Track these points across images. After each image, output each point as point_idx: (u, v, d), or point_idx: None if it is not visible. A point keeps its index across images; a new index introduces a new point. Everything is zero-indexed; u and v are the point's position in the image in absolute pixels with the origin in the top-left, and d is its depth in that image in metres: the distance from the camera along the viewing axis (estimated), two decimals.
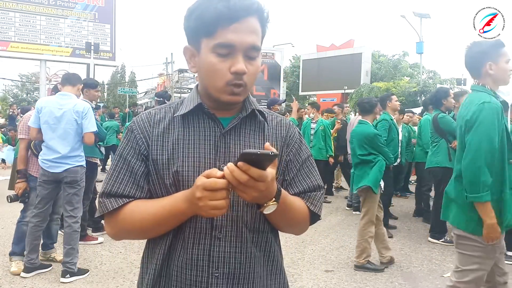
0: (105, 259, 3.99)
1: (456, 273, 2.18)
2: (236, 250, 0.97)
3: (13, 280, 3.44)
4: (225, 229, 0.96)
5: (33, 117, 3.46)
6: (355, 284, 3.55)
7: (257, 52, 0.96)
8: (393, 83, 18.57)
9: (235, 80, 0.93)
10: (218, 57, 0.93)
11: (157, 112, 1.06)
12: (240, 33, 0.91)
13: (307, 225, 1.08)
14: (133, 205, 0.97)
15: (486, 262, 2.08)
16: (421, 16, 18.22)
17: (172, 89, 32.20)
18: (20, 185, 3.62)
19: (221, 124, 1.01)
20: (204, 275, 0.95)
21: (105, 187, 0.99)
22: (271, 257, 1.05)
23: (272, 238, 1.06)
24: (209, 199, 0.81)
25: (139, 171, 0.99)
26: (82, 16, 12.05)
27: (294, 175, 1.06)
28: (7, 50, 11.27)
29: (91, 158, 4.26)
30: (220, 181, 0.80)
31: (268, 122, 1.07)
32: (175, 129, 1.01)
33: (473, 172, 1.99)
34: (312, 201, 1.05)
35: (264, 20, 0.98)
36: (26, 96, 42.41)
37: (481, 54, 2.14)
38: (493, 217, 1.98)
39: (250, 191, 0.81)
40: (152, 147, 1.00)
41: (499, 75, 2.13)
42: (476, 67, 2.18)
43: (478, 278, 2.10)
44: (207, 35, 0.93)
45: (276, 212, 0.91)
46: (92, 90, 4.34)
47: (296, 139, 1.09)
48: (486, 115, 2.00)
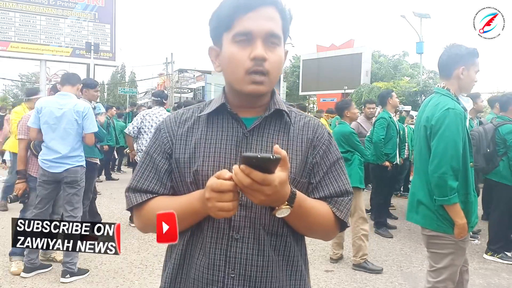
0: (105, 259, 3.99)
1: (432, 273, 2.25)
2: (253, 252, 0.96)
3: (13, 280, 3.44)
4: (242, 230, 0.96)
5: (33, 118, 3.45)
6: (355, 284, 3.55)
7: (278, 40, 0.96)
8: (393, 83, 18.57)
9: (255, 66, 0.93)
10: (238, 46, 0.94)
11: (184, 112, 1.08)
12: (256, 20, 0.93)
13: (333, 231, 1.04)
14: (156, 201, 1.00)
15: (458, 257, 2.18)
16: (421, 16, 18.20)
17: (172, 89, 32.18)
18: (20, 185, 3.62)
19: (244, 124, 1.00)
20: (221, 275, 0.96)
21: (131, 182, 1.04)
22: (291, 262, 1.02)
23: (293, 243, 1.02)
24: (216, 200, 0.82)
25: (163, 168, 1.02)
26: (82, 16, 12.04)
27: (321, 179, 1.02)
28: (7, 50, 11.26)
29: (91, 158, 4.25)
30: (226, 183, 0.80)
31: (294, 123, 1.05)
32: (199, 129, 1.03)
33: (440, 176, 2.07)
34: (338, 207, 1.01)
35: (285, 13, 0.98)
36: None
37: (458, 56, 2.21)
38: (463, 217, 2.08)
39: (256, 194, 0.79)
40: (175, 146, 1.02)
41: (466, 82, 2.23)
42: (449, 67, 2.24)
43: (453, 273, 2.19)
44: (226, 28, 0.95)
45: (293, 216, 0.90)
46: (92, 90, 4.33)
47: (325, 140, 1.05)
48: (451, 121, 2.08)
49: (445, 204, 2.09)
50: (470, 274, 2.51)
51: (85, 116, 3.49)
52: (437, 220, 2.15)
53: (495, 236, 4.33)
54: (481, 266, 4.07)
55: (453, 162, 2.05)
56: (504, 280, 3.73)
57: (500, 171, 4.22)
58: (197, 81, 40.05)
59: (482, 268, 4.02)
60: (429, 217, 2.19)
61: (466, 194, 2.13)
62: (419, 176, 2.27)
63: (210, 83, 36.11)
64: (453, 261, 2.17)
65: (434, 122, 2.15)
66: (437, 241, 2.20)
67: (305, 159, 1.02)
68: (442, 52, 2.30)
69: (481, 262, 4.17)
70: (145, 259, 4.02)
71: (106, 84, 49.26)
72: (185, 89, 37.24)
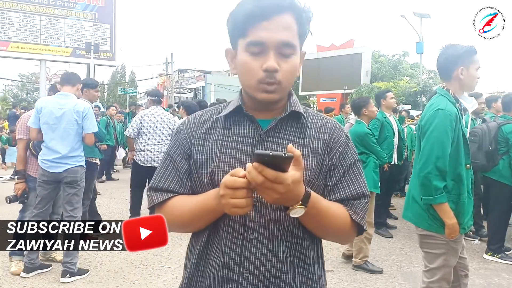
0: (105, 259, 3.99)
1: (426, 273, 2.27)
2: (268, 252, 0.97)
3: (13, 280, 3.44)
4: (257, 230, 0.97)
5: (33, 118, 3.45)
6: (355, 284, 3.55)
7: (292, 49, 0.95)
8: (393, 83, 18.57)
9: (267, 78, 0.94)
10: (251, 55, 0.94)
11: (203, 113, 1.10)
12: (270, 31, 0.92)
13: (350, 235, 1.04)
14: (175, 200, 1.03)
15: (451, 258, 2.18)
16: (421, 16, 18.19)
17: (172, 89, 32.18)
18: (19, 185, 3.62)
19: (260, 126, 1.01)
20: (235, 274, 0.97)
21: (153, 182, 1.07)
22: (306, 264, 1.02)
23: (309, 246, 1.03)
24: (230, 197, 0.83)
25: (183, 169, 1.05)
26: (82, 16, 12.04)
27: (337, 181, 1.02)
28: (7, 50, 11.26)
29: (91, 158, 4.26)
30: (240, 180, 0.82)
31: (311, 125, 1.05)
32: (216, 130, 1.04)
33: (425, 176, 2.09)
34: (355, 210, 1.01)
35: (301, 17, 0.97)
36: (26, 96, 42.37)
37: (455, 57, 2.20)
38: (452, 217, 2.08)
39: (269, 193, 0.80)
40: (194, 147, 1.05)
41: (467, 81, 2.21)
42: (448, 69, 2.23)
43: (446, 274, 2.19)
44: (241, 35, 0.96)
45: (307, 217, 0.90)
46: (92, 90, 4.33)
47: (342, 142, 1.05)
48: (438, 121, 2.09)
49: (432, 204, 2.10)
50: (470, 275, 2.51)
51: (85, 116, 3.49)
52: (428, 219, 2.16)
53: (494, 236, 4.32)
54: (481, 266, 4.07)
55: (438, 163, 2.06)
56: (504, 280, 3.73)
57: (499, 170, 4.22)
58: (197, 81, 40.05)
59: (482, 268, 4.02)
60: (421, 216, 2.20)
61: (459, 195, 2.13)
62: (415, 175, 2.28)
63: (210, 83, 36.12)
64: (446, 262, 2.17)
65: (424, 122, 2.18)
66: (429, 241, 2.20)
67: (321, 161, 1.02)
68: (439, 54, 2.28)
69: (481, 262, 4.17)
70: (145, 259, 4.02)
71: (106, 84, 49.25)
72: (185, 89, 37.24)
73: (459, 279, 2.34)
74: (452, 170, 2.11)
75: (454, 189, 2.13)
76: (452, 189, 2.13)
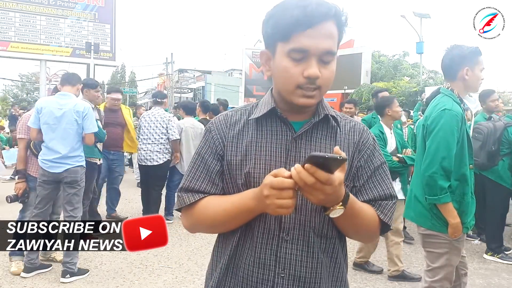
0: (105, 259, 3.99)
1: (428, 272, 2.27)
2: (303, 253, 0.99)
3: (13, 280, 3.44)
4: (292, 231, 0.99)
5: (33, 118, 3.45)
6: (355, 284, 3.55)
7: (332, 57, 0.97)
8: (393, 83, 18.56)
9: (308, 84, 0.95)
10: (292, 61, 0.94)
11: (233, 114, 1.11)
12: (315, 38, 0.92)
13: (376, 234, 1.07)
14: (207, 200, 1.03)
15: (453, 257, 2.19)
16: (421, 16, 18.20)
17: (172, 89, 32.18)
18: (20, 185, 3.62)
19: (293, 128, 1.02)
20: (271, 274, 0.98)
21: (183, 182, 1.06)
22: (337, 264, 1.05)
23: (339, 245, 1.06)
24: (276, 197, 0.84)
25: (214, 169, 1.05)
26: (82, 16, 12.04)
27: (365, 182, 1.05)
28: (7, 50, 11.26)
29: (91, 158, 4.26)
30: (287, 181, 0.82)
31: (341, 127, 1.07)
32: (249, 132, 1.05)
33: (430, 176, 2.09)
34: (383, 210, 1.03)
35: (341, 24, 0.98)
36: (26, 96, 42.38)
37: (461, 58, 2.20)
38: (456, 216, 2.09)
39: (316, 194, 0.81)
40: (227, 148, 1.05)
41: (472, 81, 2.21)
42: (453, 69, 2.23)
43: (449, 273, 2.20)
44: (283, 39, 0.95)
45: (343, 217, 0.91)
46: (92, 90, 4.32)
47: (370, 145, 1.07)
48: (445, 122, 2.09)
49: (436, 203, 2.11)
50: (470, 274, 2.52)
51: (85, 116, 3.49)
52: (431, 219, 2.17)
53: (492, 236, 4.33)
54: (481, 266, 4.07)
55: (444, 163, 2.06)
56: (504, 280, 3.73)
57: (498, 171, 4.21)
58: (197, 81, 40.06)
59: (482, 268, 4.02)
60: (423, 215, 2.21)
61: (463, 194, 2.14)
62: (417, 174, 2.28)
63: (210, 83, 36.11)
64: (448, 261, 2.18)
65: (430, 122, 2.17)
66: (432, 240, 2.21)
67: (351, 162, 1.04)
68: (444, 54, 2.29)
69: (481, 262, 4.17)
70: (145, 259, 4.02)
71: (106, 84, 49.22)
72: (185, 89, 37.22)
73: (459, 278, 2.35)
74: (457, 170, 2.11)
75: (458, 188, 2.14)
76: (456, 189, 2.13)
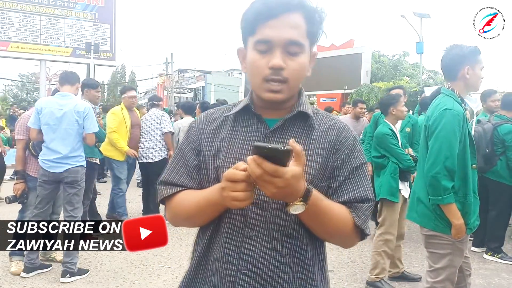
0: (105, 259, 3.99)
1: (430, 273, 2.26)
2: (266, 251, 0.97)
3: (13, 280, 3.45)
4: (257, 228, 0.98)
5: (33, 118, 3.45)
6: (355, 284, 3.56)
7: (299, 48, 0.96)
8: (393, 83, 18.55)
9: (272, 75, 0.95)
10: (258, 53, 0.96)
11: (215, 111, 1.13)
12: (277, 29, 0.94)
13: (352, 238, 1.02)
14: (184, 194, 1.05)
15: (456, 258, 2.18)
16: (421, 16, 18.20)
17: (172, 89, 32.18)
18: (19, 186, 3.61)
19: (267, 125, 1.03)
20: (233, 269, 0.98)
21: (163, 175, 1.09)
22: (306, 265, 1.01)
23: (309, 246, 1.01)
24: (230, 189, 0.84)
25: (192, 164, 1.07)
26: (82, 16, 12.04)
27: (341, 183, 1.01)
28: (7, 50, 11.25)
29: (91, 158, 4.26)
30: (239, 173, 0.82)
31: (319, 126, 1.05)
32: (225, 128, 1.07)
33: (434, 176, 2.09)
34: (357, 213, 0.99)
35: (311, 18, 0.97)
36: (26, 96, 42.39)
37: (461, 57, 2.20)
38: (459, 217, 2.08)
39: (267, 186, 0.80)
40: (203, 143, 1.07)
41: (473, 80, 2.21)
42: (454, 69, 2.23)
43: (451, 274, 2.19)
44: (250, 33, 0.98)
45: (307, 215, 0.89)
46: (93, 90, 4.32)
47: (349, 144, 1.03)
48: (447, 121, 2.09)
49: (440, 204, 2.10)
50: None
51: (85, 116, 3.49)
52: (435, 220, 2.16)
53: (493, 236, 4.33)
54: (481, 266, 4.07)
55: (447, 163, 2.06)
56: (504, 280, 3.73)
57: (497, 171, 4.22)
58: (197, 81, 40.07)
59: (482, 268, 4.02)
60: (427, 216, 2.20)
61: (465, 195, 2.13)
62: (420, 175, 2.28)
63: (210, 83, 36.12)
64: (451, 262, 2.17)
65: (432, 122, 2.17)
66: (435, 241, 2.20)
67: (326, 162, 1.01)
68: (443, 54, 2.29)
69: (481, 262, 4.17)
70: (145, 259, 4.02)
71: (106, 84, 49.22)
72: (185, 89, 37.25)
73: (465, 279, 2.33)
74: (459, 170, 2.11)
75: (460, 189, 2.13)
76: (458, 190, 2.12)
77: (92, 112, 3.63)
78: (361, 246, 4.60)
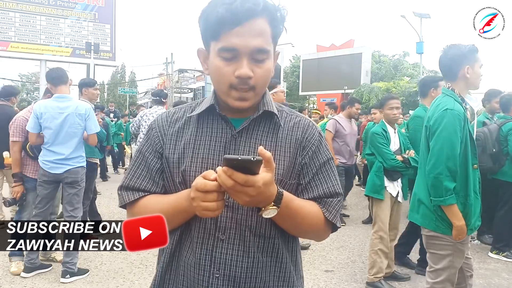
0: (105, 259, 3.99)
1: (431, 273, 2.26)
2: (239, 253, 0.96)
3: (13, 280, 3.45)
4: (229, 231, 0.96)
5: (32, 122, 3.38)
6: (355, 284, 3.56)
7: (266, 55, 0.94)
8: (393, 83, 18.57)
9: (240, 84, 0.92)
10: (223, 60, 0.92)
11: (176, 111, 1.08)
12: (243, 37, 0.90)
13: (324, 232, 1.03)
14: (147, 199, 1.01)
15: (457, 259, 2.18)
16: (421, 16, 18.22)
17: (172, 89, 32.18)
18: (17, 188, 3.57)
19: (232, 125, 1.00)
20: (206, 274, 0.96)
21: (124, 180, 1.04)
22: (282, 264, 1.02)
23: (282, 245, 1.02)
24: (201, 200, 0.82)
25: (155, 167, 1.02)
26: (82, 16, 12.05)
27: (310, 179, 1.01)
28: (7, 50, 11.27)
29: (91, 158, 4.25)
30: (210, 184, 0.81)
31: (284, 124, 1.04)
32: (189, 129, 1.03)
33: (436, 177, 2.08)
34: (328, 208, 1.00)
35: (275, 19, 0.95)
36: (26, 96, 42.38)
37: (461, 57, 2.20)
38: (461, 219, 2.07)
39: (240, 196, 0.79)
40: (166, 145, 1.03)
41: (473, 79, 2.21)
42: (453, 69, 2.23)
43: (451, 275, 2.19)
44: (213, 38, 0.93)
45: (280, 217, 0.89)
46: (91, 88, 4.26)
47: (315, 141, 1.03)
48: (448, 121, 2.08)
49: (442, 205, 2.10)
50: None
51: (87, 118, 3.48)
52: (436, 221, 2.16)
53: (499, 235, 4.34)
54: (481, 266, 4.07)
55: (449, 163, 2.05)
56: (504, 280, 3.73)
57: (506, 171, 4.23)
58: (197, 81, 40.04)
59: (482, 268, 4.02)
60: (428, 217, 2.20)
61: (466, 196, 2.12)
62: (421, 176, 2.27)
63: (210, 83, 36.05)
64: (451, 263, 2.17)
65: (433, 122, 2.16)
66: (435, 242, 2.20)
67: (294, 160, 1.01)
68: (441, 55, 2.28)
69: (481, 262, 4.17)
70: (145, 259, 4.02)
71: (106, 84, 49.25)
72: (185, 89, 37.23)
73: (465, 280, 2.33)
74: (460, 170, 2.10)
75: (461, 190, 2.12)
76: (460, 190, 2.12)
77: (93, 112, 3.62)
78: (361, 246, 4.60)
